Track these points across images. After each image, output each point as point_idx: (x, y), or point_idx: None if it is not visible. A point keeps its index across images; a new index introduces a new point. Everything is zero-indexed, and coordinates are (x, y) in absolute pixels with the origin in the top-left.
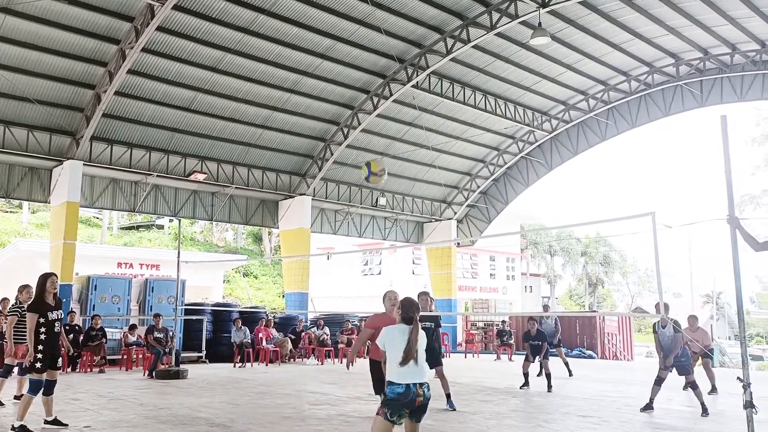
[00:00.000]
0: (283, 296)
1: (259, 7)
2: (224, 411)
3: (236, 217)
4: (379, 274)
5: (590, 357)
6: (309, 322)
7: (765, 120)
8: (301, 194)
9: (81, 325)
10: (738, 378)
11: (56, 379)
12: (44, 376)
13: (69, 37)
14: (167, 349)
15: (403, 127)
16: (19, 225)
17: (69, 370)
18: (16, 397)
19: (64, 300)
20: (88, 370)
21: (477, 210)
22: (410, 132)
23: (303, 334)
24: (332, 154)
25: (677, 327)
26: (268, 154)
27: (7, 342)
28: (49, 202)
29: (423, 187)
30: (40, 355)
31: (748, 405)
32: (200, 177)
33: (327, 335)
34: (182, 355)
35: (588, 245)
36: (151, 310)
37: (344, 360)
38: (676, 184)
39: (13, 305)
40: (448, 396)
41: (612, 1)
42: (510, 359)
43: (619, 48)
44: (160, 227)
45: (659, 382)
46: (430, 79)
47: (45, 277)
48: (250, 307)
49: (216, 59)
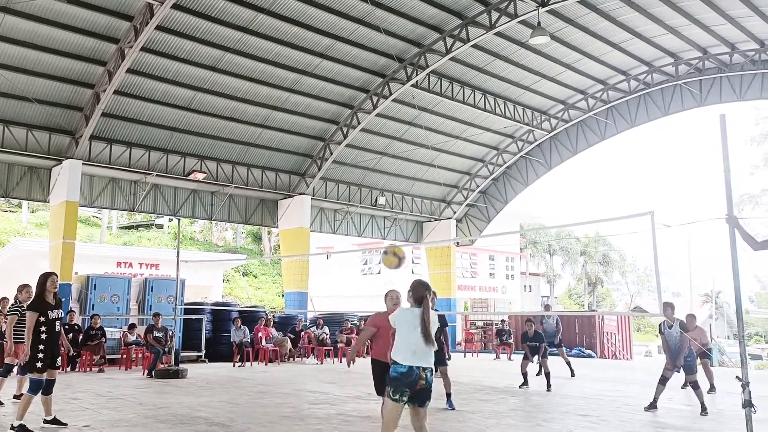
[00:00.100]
0: (283, 296)
1: (259, 6)
2: (223, 410)
3: (236, 217)
4: (379, 273)
5: (589, 356)
6: (308, 321)
7: (764, 119)
8: (300, 194)
9: (80, 324)
10: (737, 377)
11: (55, 379)
12: (45, 375)
13: (68, 37)
14: (166, 349)
15: (402, 126)
16: (19, 224)
17: (68, 369)
18: (15, 397)
19: (63, 299)
20: (88, 369)
21: (476, 209)
22: (410, 131)
23: (302, 333)
24: (332, 154)
25: (683, 328)
26: (267, 153)
27: (7, 341)
28: (48, 202)
29: (422, 186)
30: (41, 354)
31: (747, 404)
32: (200, 176)
33: (326, 335)
34: (182, 354)
35: (587, 244)
36: (150, 310)
37: (344, 359)
38: (676, 183)
39: (12, 305)
40: (449, 395)
41: (611, 1)
42: (509, 358)
43: (618, 47)
44: (160, 227)
45: (664, 381)
46: (429, 79)
47: (45, 277)
48: (250, 307)
49: (215, 58)
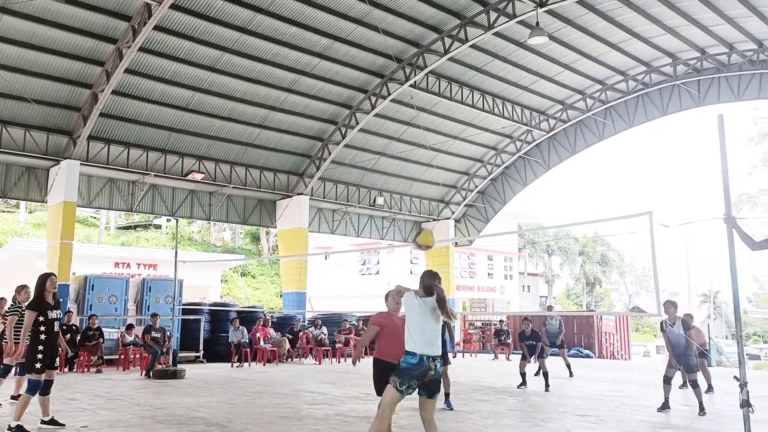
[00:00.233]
0: (281, 296)
1: (257, 6)
2: (222, 411)
3: (234, 217)
4: (377, 273)
5: (588, 356)
6: (307, 321)
7: (762, 119)
8: (298, 194)
9: (78, 324)
10: (735, 377)
11: (53, 379)
12: (43, 376)
13: (66, 37)
14: (164, 349)
15: (401, 126)
16: (17, 225)
17: (66, 370)
18: (13, 397)
19: (61, 300)
20: (86, 370)
21: (475, 209)
22: (408, 131)
23: (301, 333)
24: (330, 154)
25: (684, 326)
26: (265, 153)
27: (7, 342)
28: (46, 202)
29: (421, 186)
30: (40, 355)
31: (745, 404)
32: (198, 177)
33: (325, 335)
34: (180, 354)
35: (586, 245)
36: (148, 310)
37: (342, 360)
38: (674, 183)
39: (12, 305)
40: (447, 395)
41: (609, 1)
42: (507, 359)
43: (616, 47)
44: (158, 227)
45: (668, 380)
46: (428, 79)
47: (45, 277)
48: (248, 307)
49: (214, 59)
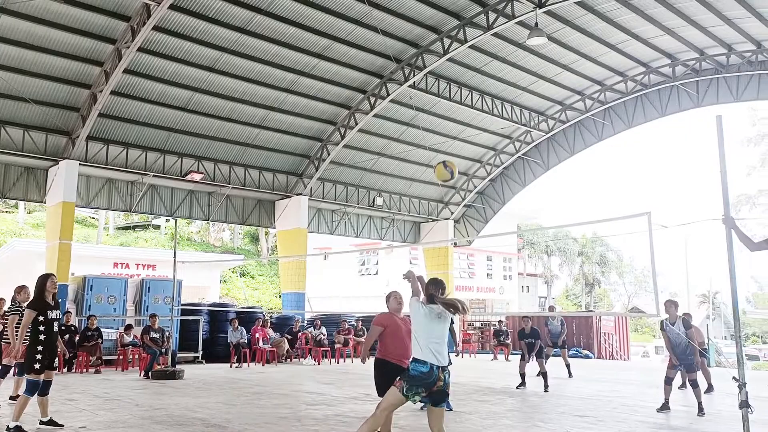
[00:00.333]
0: (280, 296)
1: (256, 6)
2: (220, 411)
3: (233, 217)
4: (376, 274)
5: (587, 357)
6: (306, 322)
7: (761, 120)
8: (297, 194)
9: (77, 325)
10: (734, 377)
11: (52, 380)
12: (42, 377)
13: (65, 37)
14: (163, 350)
15: (400, 127)
16: (15, 225)
17: (65, 370)
18: (11, 398)
19: (59, 300)
20: (84, 370)
21: (474, 210)
22: (407, 132)
23: (300, 334)
24: (329, 154)
25: (687, 322)
26: (264, 154)
27: (10, 341)
28: (44, 202)
29: (420, 187)
30: (39, 355)
31: (744, 404)
32: (197, 177)
33: (324, 335)
34: (178, 355)
35: (585, 245)
36: (147, 311)
37: (341, 360)
38: (673, 184)
39: (11, 305)
40: (446, 395)
41: (608, 2)
42: (507, 359)
43: (615, 48)
44: (157, 227)
45: (669, 381)
46: (427, 79)
47: (45, 277)
48: (247, 307)
49: (213, 59)
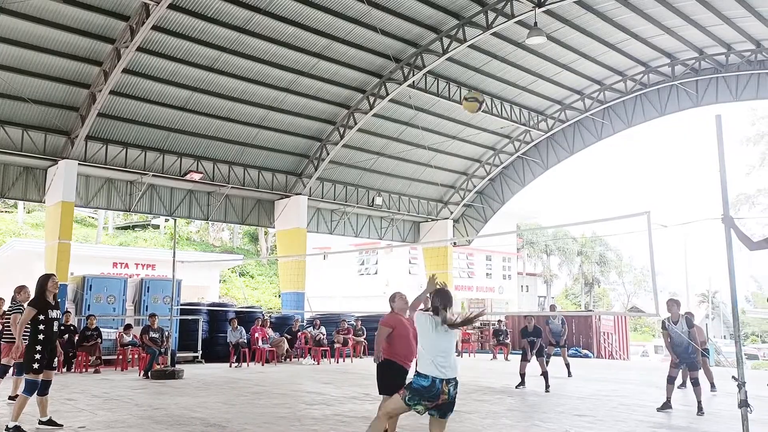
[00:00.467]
0: (279, 296)
1: (255, 6)
2: (220, 411)
3: (232, 217)
4: (376, 273)
5: (586, 356)
6: (305, 321)
7: (760, 119)
8: (297, 194)
9: (76, 325)
10: (733, 377)
11: (51, 380)
12: (41, 376)
13: (64, 37)
14: (163, 349)
15: (399, 126)
16: (15, 225)
17: (64, 370)
18: (10, 398)
19: (59, 300)
20: (84, 370)
21: (473, 209)
22: (406, 131)
23: (299, 333)
24: (328, 154)
25: (690, 321)
26: (264, 153)
27: (9, 341)
28: (44, 202)
29: (419, 186)
30: (38, 355)
31: (743, 404)
32: (196, 177)
33: (323, 335)
34: (178, 355)
35: (584, 245)
36: (146, 310)
37: (340, 360)
38: (672, 183)
39: (11, 305)
40: None
41: (608, 1)
42: (506, 359)
43: (614, 48)
44: (156, 227)
45: (671, 380)
46: (426, 79)
47: (47, 277)
48: (246, 307)
49: (212, 59)
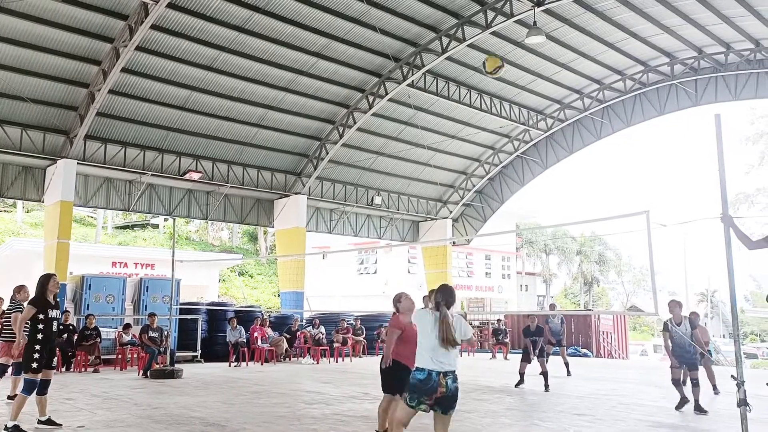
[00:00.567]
0: (279, 295)
1: (254, 5)
2: (219, 410)
3: (231, 216)
4: (375, 273)
5: (585, 355)
6: (304, 321)
7: (759, 119)
8: (296, 193)
9: (75, 324)
10: (732, 376)
11: (51, 379)
12: (39, 376)
13: (63, 36)
14: (162, 349)
15: (398, 126)
16: (14, 224)
17: (63, 369)
18: (9, 397)
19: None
20: (83, 369)
21: (472, 209)
22: (406, 131)
23: (298, 333)
24: (327, 153)
25: (694, 322)
26: (263, 153)
27: (7, 340)
28: (43, 201)
29: (418, 186)
30: (36, 355)
31: (742, 403)
32: (195, 176)
33: (322, 334)
34: (177, 354)
35: (583, 244)
36: (145, 310)
37: (340, 359)
38: (671, 182)
39: (11, 305)
40: None
41: (607, 0)
42: (505, 358)
43: (614, 47)
44: (155, 226)
45: (677, 382)
46: (425, 78)
47: (48, 277)
48: (246, 307)
49: (211, 58)
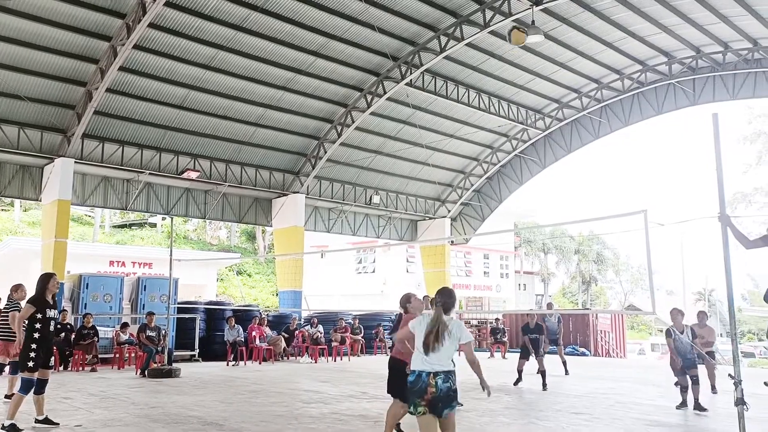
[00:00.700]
0: (277, 294)
1: (252, 4)
2: (217, 409)
3: (229, 216)
4: (373, 272)
5: (583, 354)
6: (302, 320)
7: (757, 118)
8: (294, 192)
9: (73, 323)
10: (729, 375)
11: (48, 378)
12: (36, 375)
13: (60, 34)
14: (159, 348)
15: (396, 125)
16: (11, 223)
17: (61, 368)
18: (6, 396)
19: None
20: (80, 368)
21: (471, 208)
22: (404, 130)
23: (296, 332)
24: (326, 152)
25: (694, 335)
26: (261, 152)
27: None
28: (40, 200)
29: (417, 185)
30: (32, 353)
31: (740, 402)
32: (193, 175)
33: (320, 333)
34: (175, 353)
35: (581, 243)
36: (143, 309)
37: (338, 358)
38: (669, 182)
39: (8, 303)
40: None
41: None
42: (503, 357)
43: (612, 46)
44: (153, 225)
45: (684, 389)
46: (423, 77)
47: (48, 276)
48: (244, 306)
49: (209, 56)
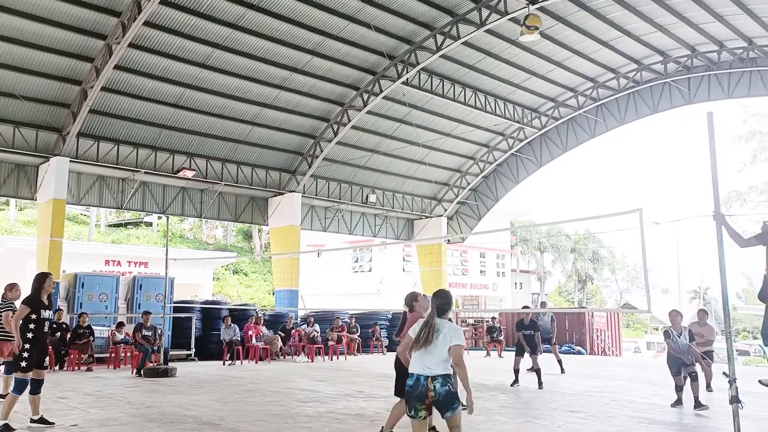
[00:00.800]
0: (273, 293)
1: (248, 2)
2: (213, 409)
3: (225, 215)
4: (370, 271)
5: (579, 353)
6: (299, 319)
7: (752, 117)
8: (290, 191)
9: (68, 323)
10: (724, 373)
11: (43, 378)
12: (30, 375)
13: (55, 33)
14: (155, 347)
15: (393, 123)
16: (6, 222)
17: (56, 368)
18: (1, 396)
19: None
20: (76, 368)
21: (467, 207)
22: (400, 129)
23: (293, 331)
24: (322, 151)
25: (692, 337)
26: (257, 150)
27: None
28: (35, 199)
29: (413, 184)
30: (26, 354)
31: (734, 400)
32: (189, 174)
33: (317, 332)
34: (171, 352)
35: (577, 242)
36: (139, 308)
37: (334, 357)
38: (664, 180)
39: (2, 303)
40: None
41: None
42: (500, 356)
43: (607, 45)
44: (149, 224)
45: (681, 387)
46: (420, 76)
47: (44, 276)
48: (240, 305)
49: (204, 55)
